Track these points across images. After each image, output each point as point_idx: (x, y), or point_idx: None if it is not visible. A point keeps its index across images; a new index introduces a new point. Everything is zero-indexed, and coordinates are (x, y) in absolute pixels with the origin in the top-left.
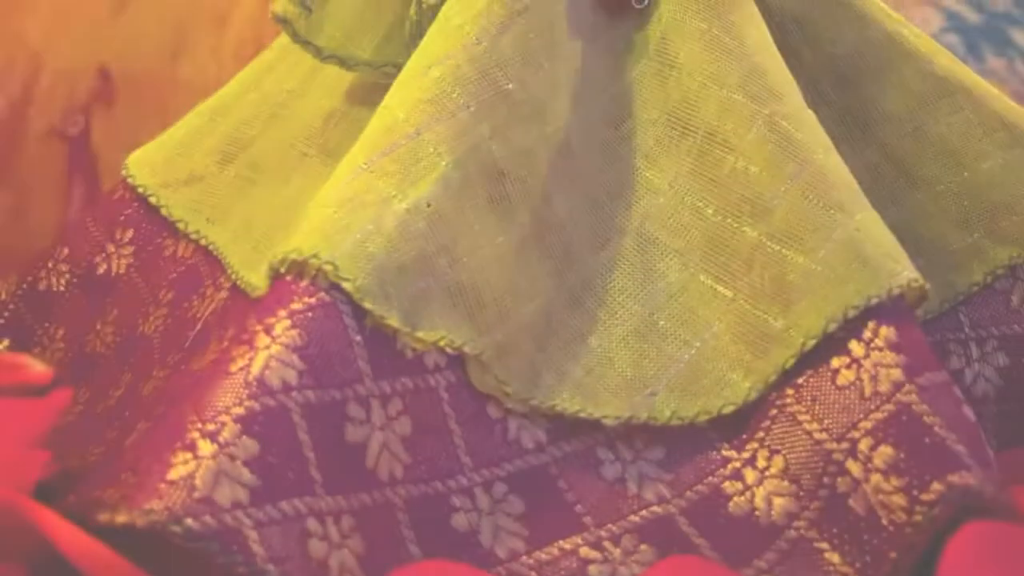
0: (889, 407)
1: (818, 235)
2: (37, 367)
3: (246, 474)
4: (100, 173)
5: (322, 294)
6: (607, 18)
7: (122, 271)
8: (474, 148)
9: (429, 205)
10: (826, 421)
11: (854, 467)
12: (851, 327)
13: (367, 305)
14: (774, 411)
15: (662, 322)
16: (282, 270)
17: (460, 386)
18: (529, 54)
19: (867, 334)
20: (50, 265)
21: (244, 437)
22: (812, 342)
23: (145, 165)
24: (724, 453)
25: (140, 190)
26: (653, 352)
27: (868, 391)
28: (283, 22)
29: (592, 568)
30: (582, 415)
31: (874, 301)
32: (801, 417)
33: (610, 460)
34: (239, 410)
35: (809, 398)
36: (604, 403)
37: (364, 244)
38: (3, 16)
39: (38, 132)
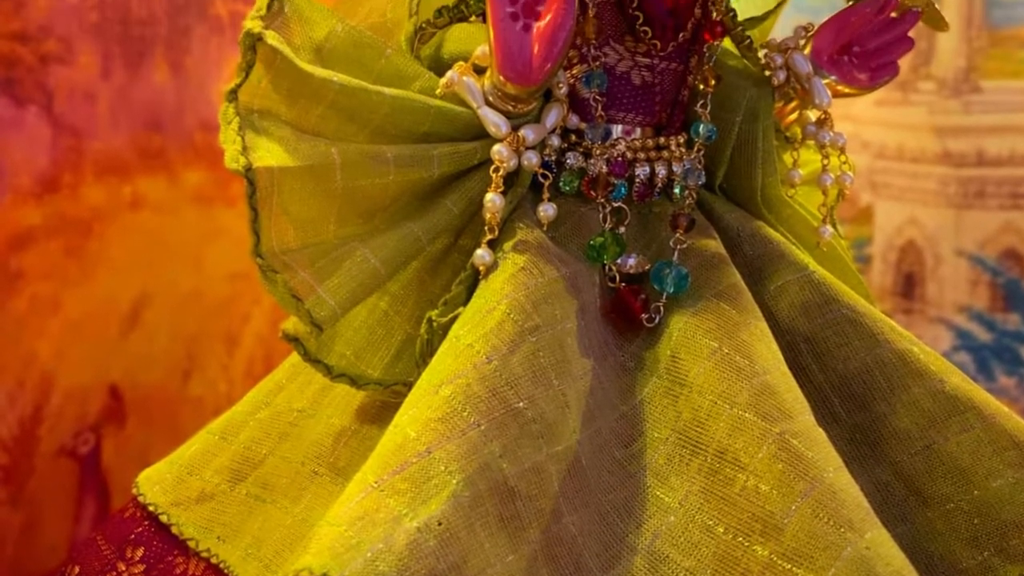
0: None
1: (828, 554)
2: None
3: None
4: (111, 491)
5: None
6: (617, 336)
7: None
8: (485, 466)
9: (440, 524)
10: None
11: None
12: None
13: None
14: None
15: None
16: None
17: None
18: (540, 372)
19: None
20: None
21: None
22: None
23: (156, 483)
24: None
25: (151, 508)
26: None
27: None
28: (293, 341)
29: None
30: None
31: None
32: None
33: None
34: None
35: None
36: None
37: (375, 563)
38: (14, 336)
39: (49, 451)
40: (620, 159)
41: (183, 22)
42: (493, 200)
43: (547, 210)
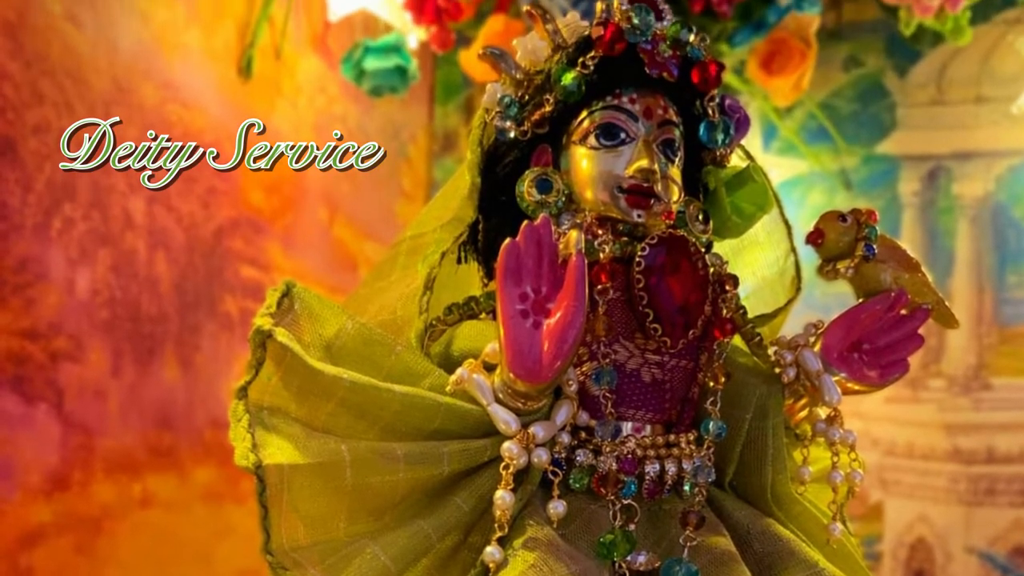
0: None
1: None
2: None
3: None
4: None
5: None
6: None
7: None
8: None
9: None
10: None
11: None
12: None
13: None
14: None
15: None
16: None
17: None
18: None
19: None
20: None
21: None
22: None
23: None
24: None
25: None
26: None
27: None
28: None
29: None
30: None
31: None
32: None
33: None
34: None
35: None
36: None
37: None
38: None
39: None
40: (630, 456)
41: (193, 319)
42: (503, 497)
43: (557, 507)
